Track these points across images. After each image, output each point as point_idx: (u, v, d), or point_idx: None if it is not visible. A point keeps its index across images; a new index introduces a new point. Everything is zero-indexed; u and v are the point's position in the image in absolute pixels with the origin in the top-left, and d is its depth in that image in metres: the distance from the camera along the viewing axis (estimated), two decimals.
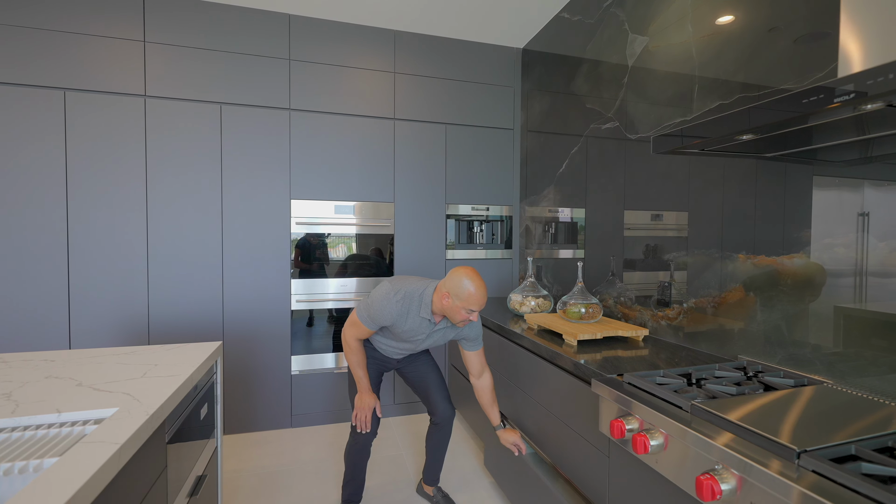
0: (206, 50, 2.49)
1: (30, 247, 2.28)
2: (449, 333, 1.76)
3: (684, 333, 1.68)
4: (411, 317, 1.64)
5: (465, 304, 1.54)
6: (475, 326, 1.74)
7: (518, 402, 1.92)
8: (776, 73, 1.33)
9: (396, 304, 1.61)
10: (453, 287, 1.56)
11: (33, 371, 1.30)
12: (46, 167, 2.29)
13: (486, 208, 3.04)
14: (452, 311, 1.58)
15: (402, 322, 1.64)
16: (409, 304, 1.62)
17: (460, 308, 1.56)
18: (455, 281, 1.56)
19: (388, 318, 1.62)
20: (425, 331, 1.69)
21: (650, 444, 1.04)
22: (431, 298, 1.62)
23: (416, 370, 1.90)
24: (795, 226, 1.31)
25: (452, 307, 1.57)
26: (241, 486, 2.09)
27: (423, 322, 1.66)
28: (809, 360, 1.26)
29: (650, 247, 1.88)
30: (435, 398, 1.88)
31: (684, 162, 1.69)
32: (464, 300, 1.54)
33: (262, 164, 2.60)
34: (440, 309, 1.61)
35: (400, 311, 1.62)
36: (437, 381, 1.89)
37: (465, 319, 1.58)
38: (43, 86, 2.27)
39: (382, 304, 1.61)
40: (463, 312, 1.56)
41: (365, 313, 1.66)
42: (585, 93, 2.31)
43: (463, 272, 1.57)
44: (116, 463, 0.83)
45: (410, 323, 1.65)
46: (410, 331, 1.67)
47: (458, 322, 1.60)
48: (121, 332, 2.42)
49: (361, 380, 1.73)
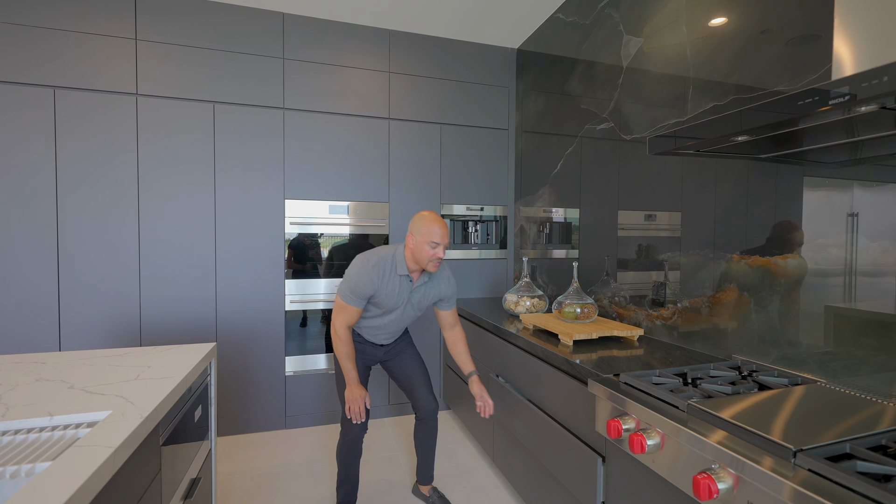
0: (198, 48, 2.46)
1: (18, 247, 2.24)
2: (429, 293, 1.81)
3: (679, 333, 1.70)
4: (390, 279, 1.71)
5: (427, 236, 1.63)
6: (452, 283, 1.85)
7: (513, 403, 1.92)
8: (770, 75, 1.34)
9: (372, 269, 1.68)
10: (414, 225, 1.68)
11: (24, 373, 1.28)
12: (35, 166, 2.25)
13: (480, 208, 3.04)
14: (419, 250, 1.65)
15: (384, 286, 1.70)
16: (384, 267, 1.70)
17: (423, 244, 1.64)
18: (415, 220, 1.69)
19: (370, 285, 1.68)
20: (405, 293, 1.74)
21: (647, 444, 1.05)
22: (403, 255, 1.72)
23: (402, 364, 1.92)
24: (787, 226, 1.32)
25: (417, 246, 1.65)
26: (235, 488, 2.07)
27: (403, 282, 1.73)
28: (803, 360, 1.27)
29: (644, 247, 1.89)
30: (418, 392, 1.90)
31: (678, 162, 1.70)
32: (424, 233, 1.64)
33: (255, 163, 2.58)
34: (411, 257, 1.70)
35: (379, 275, 1.69)
36: (420, 376, 1.91)
37: (433, 257, 1.65)
38: (32, 84, 2.23)
39: (360, 275, 1.68)
40: (427, 248, 1.64)
41: (347, 292, 1.70)
42: (580, 93, 2.31)
43: (422, 212, 1.71)
44: (111, 467, 0.81)
45: (390, 286, 1.71)
46: (392, 295, 1.72)
47: (428, 264, 1.66)
48: (112, 334, 2.39)
49: (350, 372, 1.74)
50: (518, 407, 1.88)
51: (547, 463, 1.64)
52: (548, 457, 1.64)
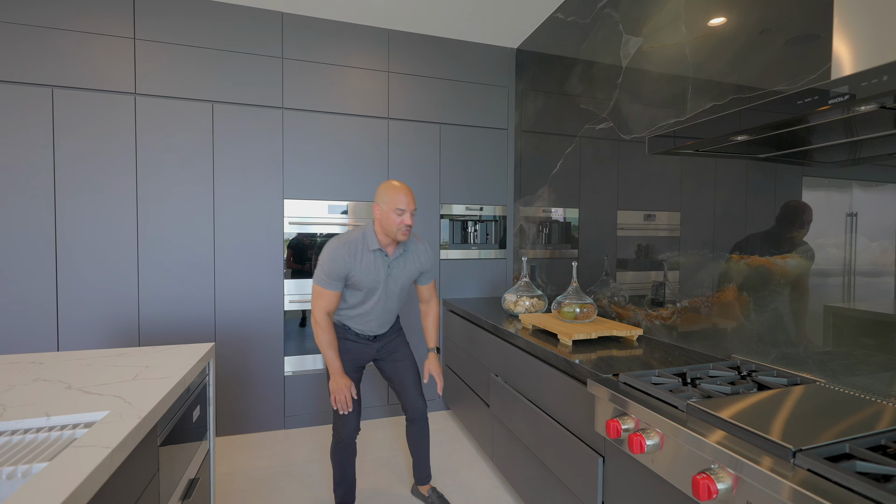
0: (197, 48, 2.46)
1: (17, 246, 2.24)
2: (409, 266, 1.80)
3: (678, 333, 1.70)
4: (363, 256, 1.70)
5: (392, 204, 1.64)
6: (430, 254, 1.86)
7: (513, 403, 1.92)
8: (769, 75, 1.34)
9: (343, 248, 1.68)
10: (379, 196, 1.69)
11: (21, 373, 1.27)
12: (34, 166, 2.25)
13: (479, 208, 3.04)
14: (386, 220, 1.66)
15: (357, 264, 1.69)
16: (355, 245, 1.70)
17: (390, 212, 1.65)
18: (379, 190, 1.70)
19: (343, 265, 1.67)
20: (383, 268, 1.73)
21: (646, 444, 1.05)
22: (373, 230, 1.72)
23: (394, 364, 1.90)
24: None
25: (384, 216, 1.66)
26: (233, 488, 2.07)
27: (378, 257, 1.72)
28: (802, 360, 1.27)
29: (643, 247, 1.89)
30: (409, 393, 1.89)
31: (677, 162, 1.70)
32: (389, 201, 1.65)
33: (254, 163, 2.58)
34: (380, 229, 1.70)
35: (350, 253, 1.68)
36: (412, 377, 1.90)
37: (401, 224, 1.65)
38: (30, 83, 2.23)
39: (332, 256, 1.67)
40: (394, 217, 1.64)
41: (322, 276, 1.69)
42: (579, 93, 2.31)
43: (386, 181, 1.73)
44: (107, 468, 0.81)
45: (365, 263, 1.70)
46: (369, 272, 1.71)
47: (397, 233, 1.66)
48: (111, 333, 2.38)
49: (333, 361, 1.72)
50: (518, 407, 1.87)
51: (547, 463, 1.64)
52: (548, 457, 1.64)
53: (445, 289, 2.99)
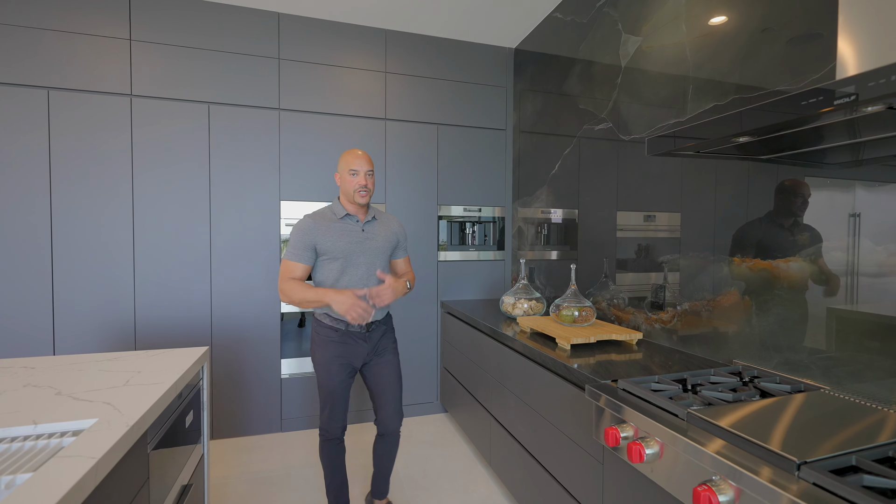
0: (193, 48, 2.44)
1: (11, 249, 2.22)
2: (383, 230, 1.78)
3: (678, 337, 1.67)
4: (331, 224, 1.71)
5: (346, 165, 1.70)
6: (402, 225, 1.89)
7: (511, 407, 1.89)
8: (771, 75, 1.31)
9: (307, 218, 1.72)
10: (337, 165, 1.79)
11: (12, 379, 1.25)
12: (29, 168, 2.23)
13: (478, 209, 3.02)
14: (344, 184, 1.72)
15: (324, 232, 1.69)
16: (321, 214, 1.74)
17: (345, 175, 1.70)
18: (339, 160, 1.77)
19: (307, 233, 1.68)
20: (356, 232, 1.72)
21: (645, 453, 1.02)
22: (338, 200, 1.77)
23: (380, 370, 1.79)
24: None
25: (342, 181, 1.72)
26: (229, 493, 2.05)
27: (348, 223, 1.73)
28: (805, 365, 1.24)
29: (643, 248, 1.87)
30: (386, 408, 1.80)
31: (677, 163, 1.68)
32: (343, 165, 1.71)
33: (251, 164, 2.56)
34: (343, 197, 1.75)
35: (315, 222, 1.70)
36: (393, 390, 1.80)
37: (357, 185, 1.68)
38: (25, 84, 2.21)
39: (297, 227, 1.71)
40: (350, 178, 1.69)
41: (289, 249, 1.70)
42: (578, 93, 2.29)
43: None
44: (93, 478, 0.79)
45: (333, 230, 1.70)
46: (340, 237, 1.70)
47: (355, 195, 1.69)
48: (107, 337, 2.36)
49: (321, 294, 1.61)
50: (516, 412, 1.85)
51: (547, 469, 1.61)
52: (547, 463, 1.61)
53: (443, 291, 2.96)
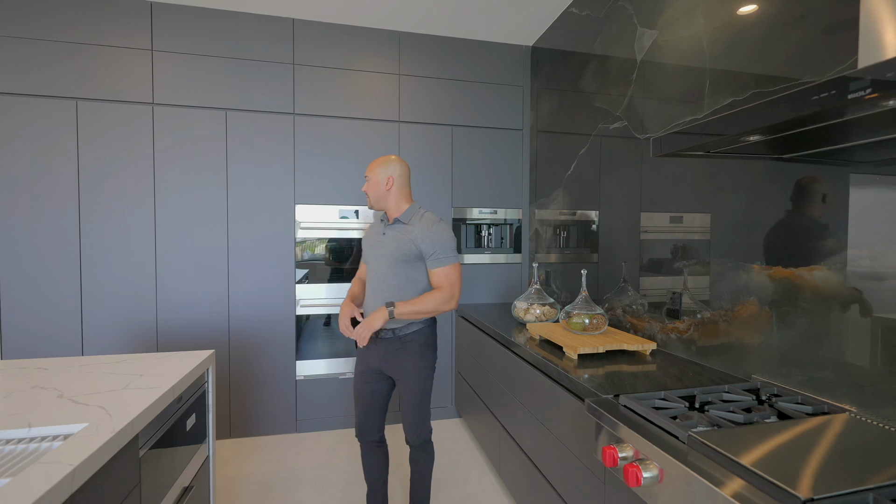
0: (211, 57, 2.50)
1: (43, 255, 2.34)
2: (401, 236, 1.64)
3: (696, 348, 1.56)
4: (376, 222, 1.82)
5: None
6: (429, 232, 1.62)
7: (518, 417, 1.83)
8: (796, 65, 1.20)
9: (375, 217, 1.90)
10: None
11: (23, 380, 1.31)
12: (59, 176, 2.35)
13: (493, 211, 2.96)
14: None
15: (368, 231, 1.83)
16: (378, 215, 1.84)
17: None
18: None
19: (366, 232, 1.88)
20: (378, 233, 1.74)
21: (643, 477, 0.95)
22: None
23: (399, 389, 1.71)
24: (831, 231, 1.18)
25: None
26: (239, 492, 2.08)
27: (379, 226, 1.77)
28: (831, 384, 1.13)
29: (672, 251, 1.76)
30: (404, 418, 1.71)
31: (705, 162, 1.56)
32: None
33: (266, 169, 2.60)
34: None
35: (373, 221, 1.94)
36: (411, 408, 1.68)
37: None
38: (56, 96, 2.33)
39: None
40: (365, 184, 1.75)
41: None
42: (593, 91, 2.19)
43: None
44: (69, 485, 0.80)
45: (371, 230, 1.81)
46: (369, 234, 1.80)
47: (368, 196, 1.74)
48: (131, 338, 2.46)
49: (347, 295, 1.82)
50: (523, 421, 1.79)
51: (552, 482, 1.55)
52: (552, 476, 1.55)
53: None
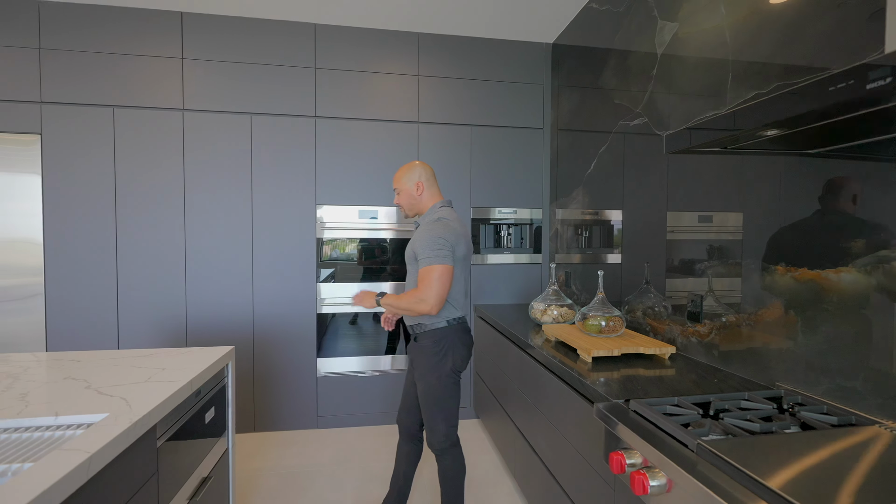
0: (237, 63, 2.60)
1: (83, 255, 2.49)
2: (412, 242, 1.68)
3: (718, 353, 1.50)
4: None
5: None
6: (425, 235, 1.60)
7: (533, 420, 1.81)
8: (825, 55, 1.13)
9: None
10: None
11: (58, 371, 1.39)
12: (98, 179, 2.49)
13: (513, 211, 2.93)
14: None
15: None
16: None
17: None
18: None
19: None
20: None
21: (649, 485, 0.92)
22: None
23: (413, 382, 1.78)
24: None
25: None
26: (260, 485, 2.15)
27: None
28: (860, 394, 1.05)
29: (707, 251, 1.69)
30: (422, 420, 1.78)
31: (732, 158, 1.49)
32: None
33: (289, 170, 2.67)
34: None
35: None
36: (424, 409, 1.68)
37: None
38: (95, 104, 2.47)
39: None
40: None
41: None
42: (613, 87, 2.14)
43: None
44: (85, 471, 0.85)
45: None
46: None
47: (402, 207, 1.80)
48: (162, 332, 2.58)
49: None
50: (536, 423, 1.76)
51: (564, 487, 1.52)
52: (564, 481, 1.52)
53: (477, 294, 2.91)
